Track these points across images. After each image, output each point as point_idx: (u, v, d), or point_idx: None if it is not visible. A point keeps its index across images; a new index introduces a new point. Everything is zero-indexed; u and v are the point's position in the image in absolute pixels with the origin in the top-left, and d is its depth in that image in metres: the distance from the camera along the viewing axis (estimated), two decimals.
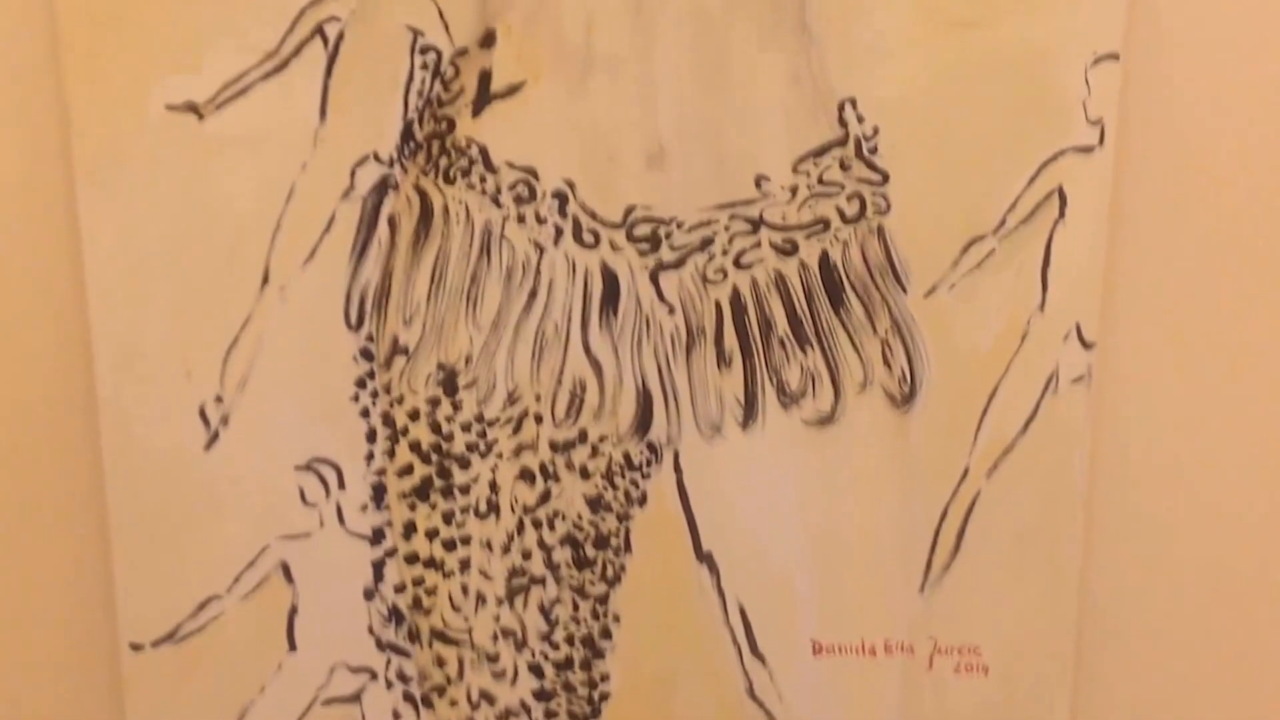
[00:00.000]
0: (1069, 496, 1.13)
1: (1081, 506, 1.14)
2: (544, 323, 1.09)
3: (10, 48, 1.03)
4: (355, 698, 1.14)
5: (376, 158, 1.05)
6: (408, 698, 1.14)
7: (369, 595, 1.12)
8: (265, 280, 1.06)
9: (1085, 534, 1.15)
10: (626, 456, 1.12)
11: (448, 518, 1.12)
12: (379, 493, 1.11)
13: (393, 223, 1.07)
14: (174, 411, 1.08)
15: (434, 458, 1.11)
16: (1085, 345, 1.11)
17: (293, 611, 1.12)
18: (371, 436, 1.10)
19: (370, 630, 1.13)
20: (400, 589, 1.12)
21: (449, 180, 1.07)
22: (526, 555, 1.13)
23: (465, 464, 1.11)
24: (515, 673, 1.14)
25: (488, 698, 1.15)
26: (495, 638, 1.14)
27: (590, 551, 1.13)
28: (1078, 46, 1.05)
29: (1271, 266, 1.12)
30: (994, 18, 1.05)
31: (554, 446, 1.11)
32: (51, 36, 1.02)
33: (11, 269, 1.07)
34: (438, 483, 1.11)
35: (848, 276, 1.10)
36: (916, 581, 1.15)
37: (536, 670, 1.14)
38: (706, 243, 1.09)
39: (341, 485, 1.11)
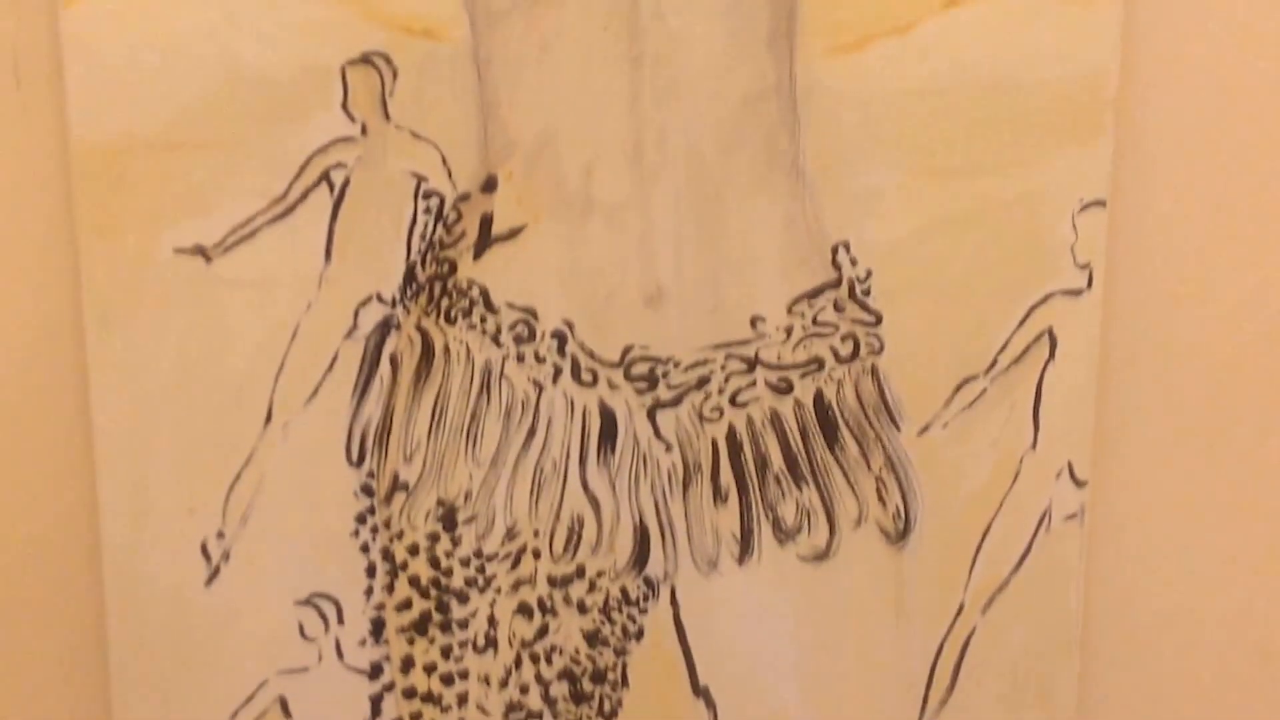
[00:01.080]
0: (1064, 633, 1.14)
1: (1077, 643, 1.15)
2: (542, 459, 1.11)
3: (23, 191, 1.06)
4: None
5: (379, 299, 1.08)
6: None
7: None
8: (268, 418, 1.08)
9: (1080, 670, 1.15)
10: (624, 591, 1.13)
11: (446, 652, 1.13)
12: (377, 627, 1.12)
13: (394, 362, 1.09)
14: (176, 547, 1.09)
15: (433, 592, 1.12)
16: (1077, 483, 1.12)
17: None
18: (371, 571, 1.11)
19: None
20: None
21: (450, 320, 1.09)
22: (524, 690, 1.13)
23: (464, 599, 1.12)
24: None
25: None
26: None
27: (587, 686, 1.14)
28: (1065, 193, 1.08)
29: (1259, 402, 1.14)
30: (983, 166, 1.07)
31: (552, 581, 1.12)
32: (65, 181, 1.04)
33: (20, 405, 1.09)
34: (436, 617, 1.12)
35: (842, 415, 1.11)
36: (913, 717, 1.15)
37: None
38: (703, 381, 1.10)
39: (340, 620, 1.12)
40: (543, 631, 1.13)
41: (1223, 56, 1.09)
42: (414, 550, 1.11)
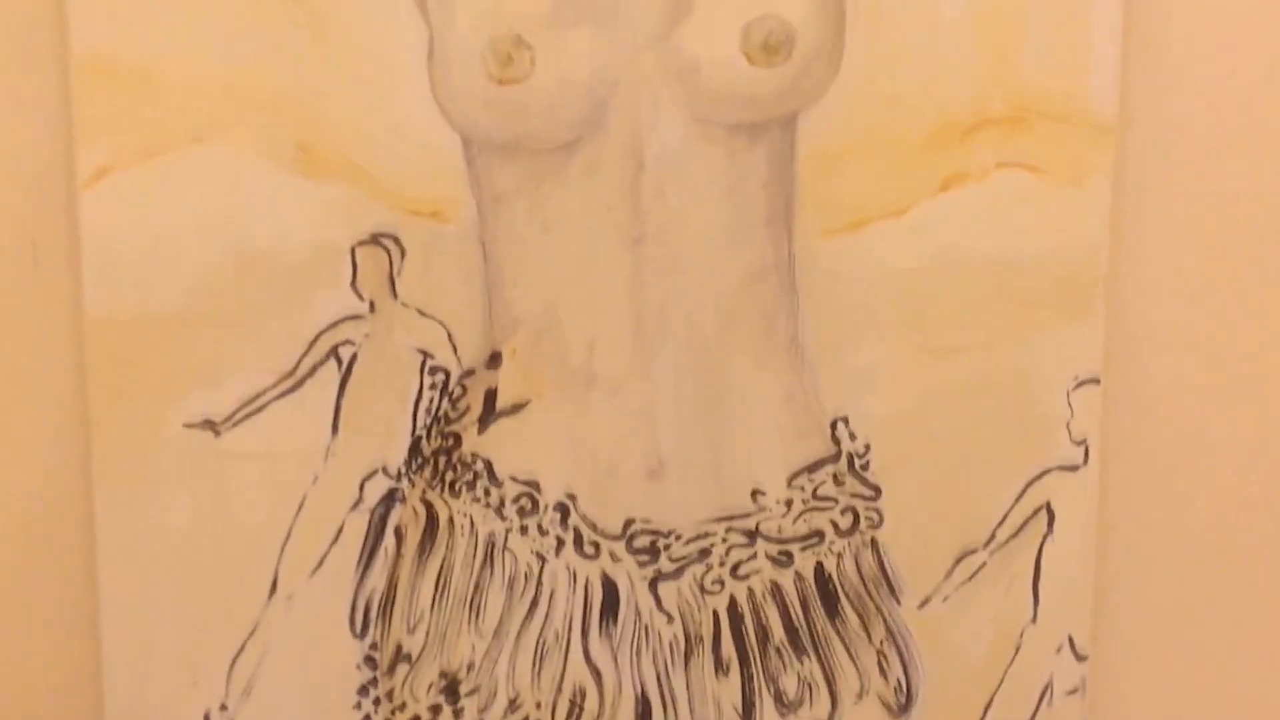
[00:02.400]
0: None
1: None
2: (545, 631, 1.11)
3: (37, 366, 1.08)
4: None
5: (385, 472, 1.09)
6: None
7: None
8: (273, 590, 1.09)
9: None
10: None
11: None
12: None
13: (399, 533, 1.10)
14: (180, 719, 1.10)
15: None
16: (1078, 657, 1.13)
17: None
18: None
19: None
20: None
21: (454, 493, 1.10)
22: None
23: None
24: None
25: None
26: None
27: None
28: (1059, 370, 1.10)
29: (1258, 576, 1.15)
30: (979, 342, 1.09)
31: None
32: (78, 356, 1.07)
33: (28, 573, 1.10)
34: None
35: (843, 588, 1.12)
36: None
37: None
38: (704, 554, 1.11)
39: None
40: None
41: (1210, 233, 1.12)
42: None
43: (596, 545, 1.11)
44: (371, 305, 1.07)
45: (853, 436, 1.10)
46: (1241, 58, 1.10)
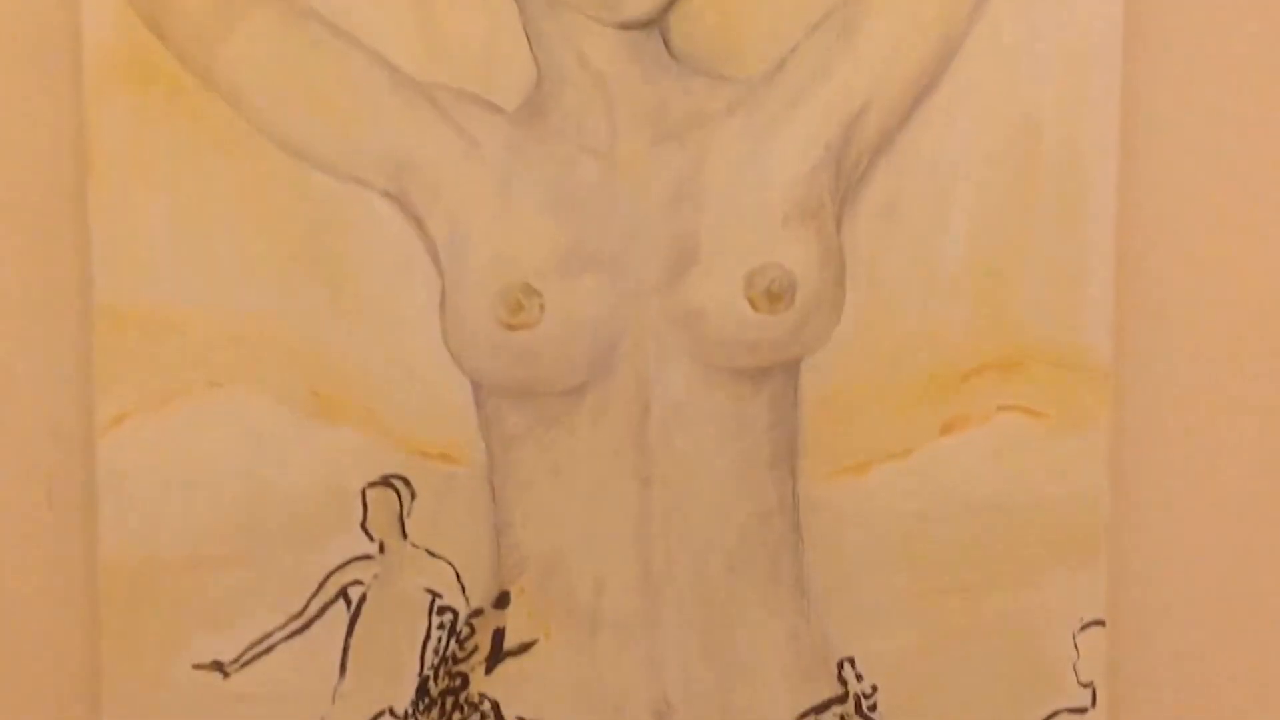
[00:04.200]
0: None
1: None
2: None
3: (49, 607, 1.09)
4: None
5: (392, 713, 1.09)
6: None
7: None
8: None
9: None
10: None
11: None
12: None
13: None
14: None
15: None
16: None
17: None
18: None
19: None
20: None
21: None
22: None
23: None
24: None
25: None
26: None
27: None
28: (1065, 612, 1.10)
29: None
30: (983, 584, 1.10)
31: None
32: (91, 597, 1.08)
33: None
34: None
35: None
36: None
37: None
38: None
39: None
40: None
41: (1210, 474, 1.13)
42: None
43: None
44: (381, 546, 1.09)
45: (859, 677, 1.10)
46: (1234, 294, 1.13)
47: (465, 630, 1.10)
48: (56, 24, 1.05)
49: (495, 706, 1.10)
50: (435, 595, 1.09)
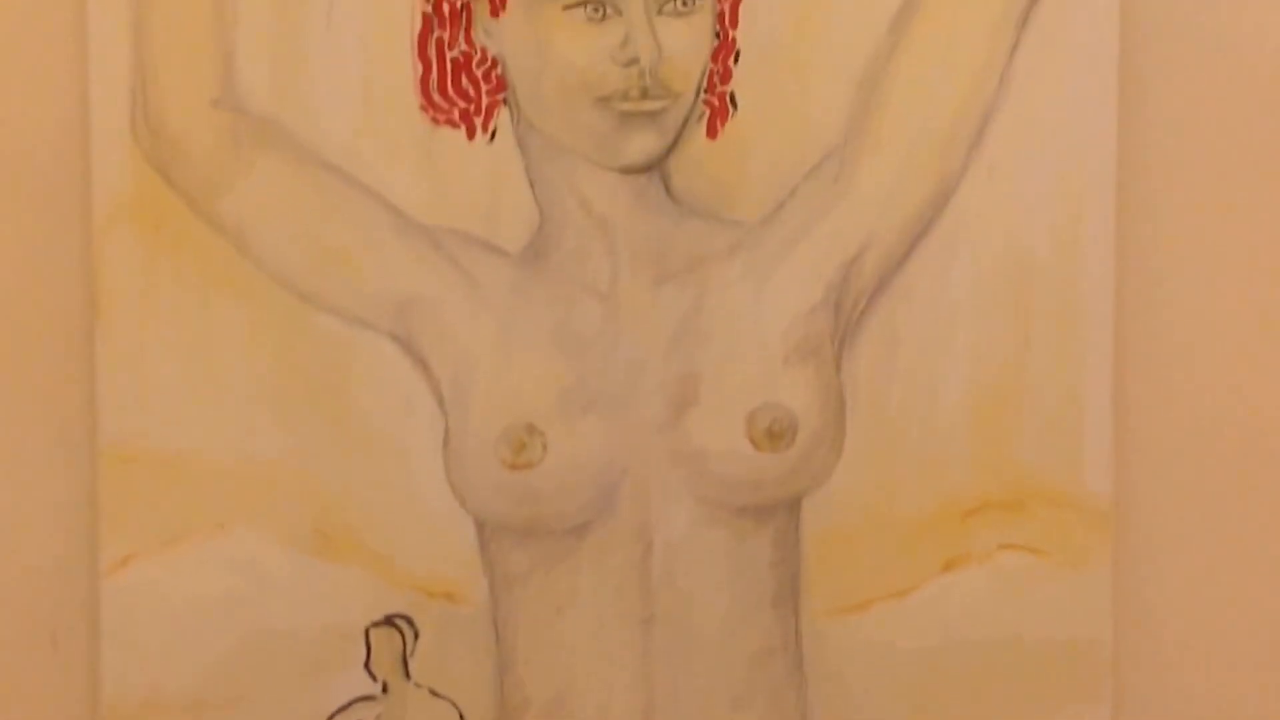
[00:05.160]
0: None
1: None
2: None
3: None
4: None
5: None
6: None
7: None
8: None
9: None
10: None
11: None
12: None
13: None
14: None
15: None
16: None
17: None
18: None
19: None
20: None
21: None
22: None
23: None
24: None
25: None
26: None
27: None
28: None
29: None
30: None
31: None
32: None
33: None
34: None
35: None
36: None
37: None
38: None
39: None
40: None
41: (1211, 617, 1.14)
42: None
43: None
44: (384, 686, 1.09)
45: None
46: (1233, 432, 1.13)
47: None
48: (66, 167, 1.06)
49: None
50: None
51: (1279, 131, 1.12)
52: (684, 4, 1.05)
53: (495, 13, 1.05)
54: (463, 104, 1.06)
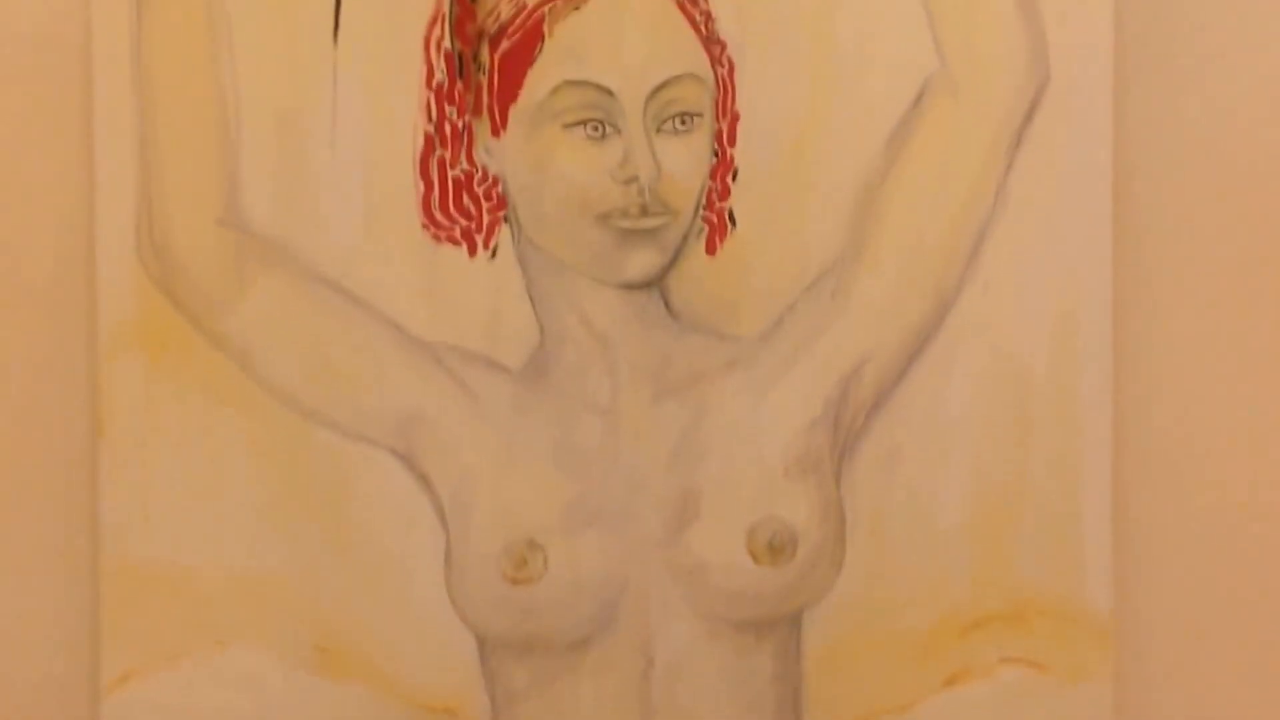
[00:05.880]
0: None
1: None
2: None
3: None
4: None
5: None
6: None
7: None
8: None
9: None
10: None
11: None
12: None
13: None
14: None
15: None
16: None
17: None
18: None
19: None
20: None
21: None
22: None
23: None
24: None
25: None
26: None
27: None
28: None
29: None
30: None
31: None
32: None
33: None
34: None
35: None
36: None
37: None
38: None
39: None
40: None
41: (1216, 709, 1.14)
42: None
43: None
44: None
45: None
46: (1234, 548, 1.14)
47: None
48: (72, 288, 1.08)
49: None
50: None
51: (1272, 241, 1.13)
52: (682, 123, 1.07)
53: (496, 132, 1.07)
54: (464, 222, 1.08)
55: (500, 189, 1.08)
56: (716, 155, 1.08)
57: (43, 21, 1.08)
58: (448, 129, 1.07)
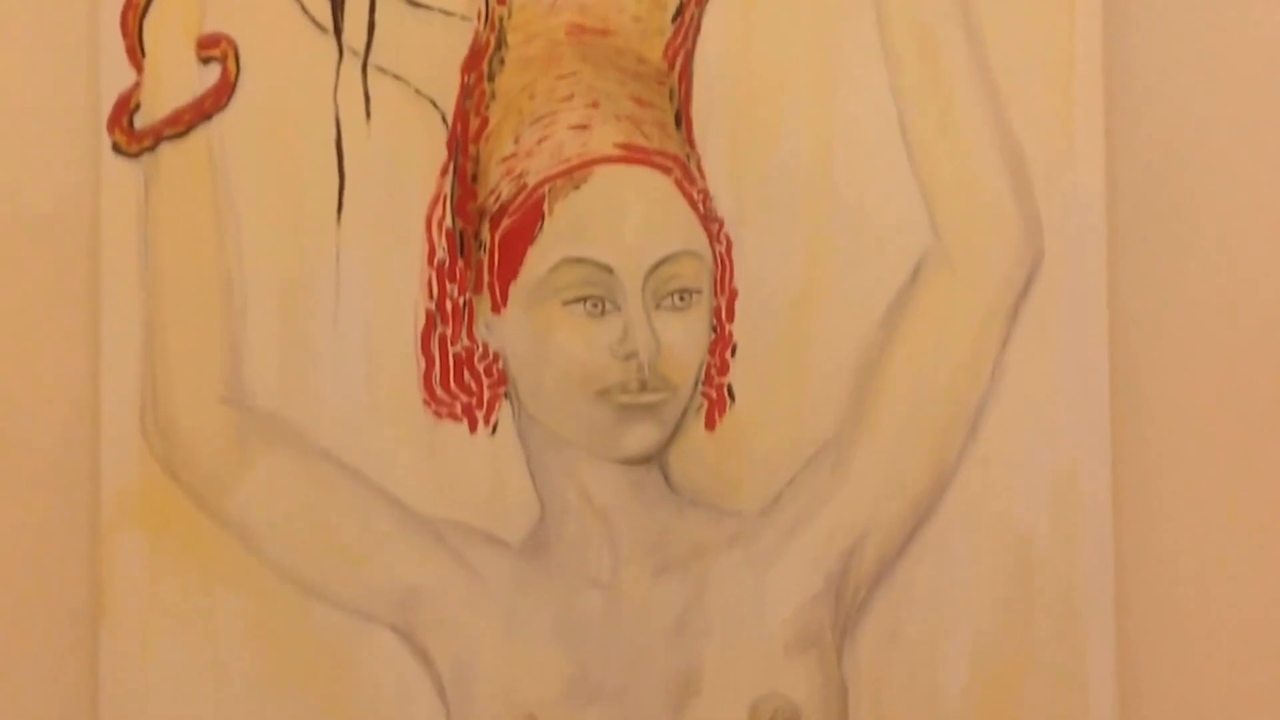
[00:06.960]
0: None
1: None
2: None
3: None
4: None
5: None
6: None
7: None
8: None
9: None
10: None
11: None
12: None
13: None
14: None
15: None
16: None
17: None
18: None
19: None
20: None
21: None
22: None
23: None
24: None
25: None
26: None
27: None
28: None
29: None
30: None
31: None
32: None
33: None
34: None
35: None
36: None
37: None
38: None
39: None
40: None
41: None
42: None
43: None
44: None
45: None
46: (1239, 716, 1.13)
47: None
48: (75, 464, 1.09)
49: None
50: None
51: (1269, 410, 1.13)
52: (681, 299, 1.08)
53: (497, 309, 1.08)
54: (465, 398, 1.09)
55: (501, 365, 1.09)
56: (715, 331, 1.09)
57: (52, 201, 1.10)
58: (449, 306, 1.09)
